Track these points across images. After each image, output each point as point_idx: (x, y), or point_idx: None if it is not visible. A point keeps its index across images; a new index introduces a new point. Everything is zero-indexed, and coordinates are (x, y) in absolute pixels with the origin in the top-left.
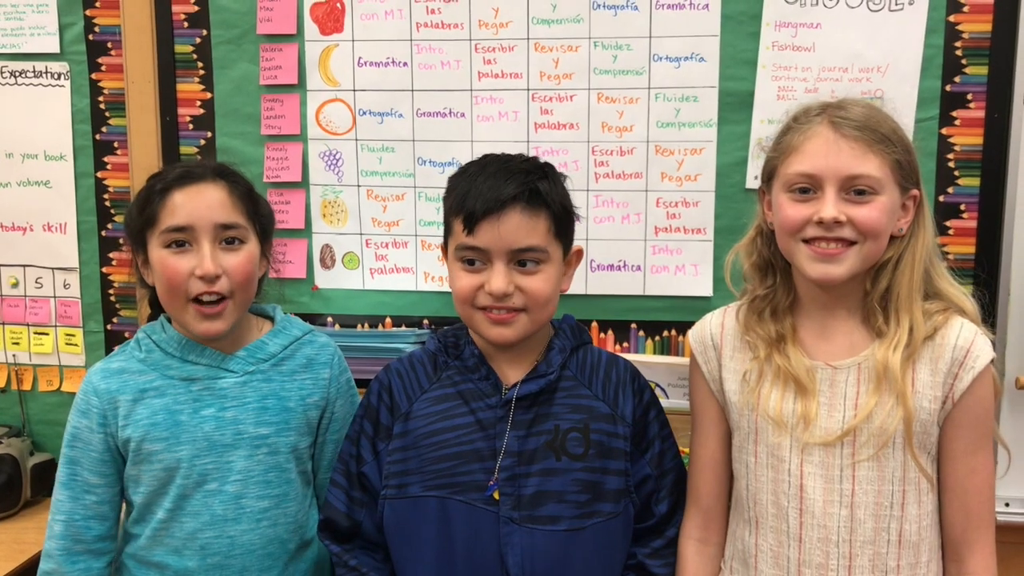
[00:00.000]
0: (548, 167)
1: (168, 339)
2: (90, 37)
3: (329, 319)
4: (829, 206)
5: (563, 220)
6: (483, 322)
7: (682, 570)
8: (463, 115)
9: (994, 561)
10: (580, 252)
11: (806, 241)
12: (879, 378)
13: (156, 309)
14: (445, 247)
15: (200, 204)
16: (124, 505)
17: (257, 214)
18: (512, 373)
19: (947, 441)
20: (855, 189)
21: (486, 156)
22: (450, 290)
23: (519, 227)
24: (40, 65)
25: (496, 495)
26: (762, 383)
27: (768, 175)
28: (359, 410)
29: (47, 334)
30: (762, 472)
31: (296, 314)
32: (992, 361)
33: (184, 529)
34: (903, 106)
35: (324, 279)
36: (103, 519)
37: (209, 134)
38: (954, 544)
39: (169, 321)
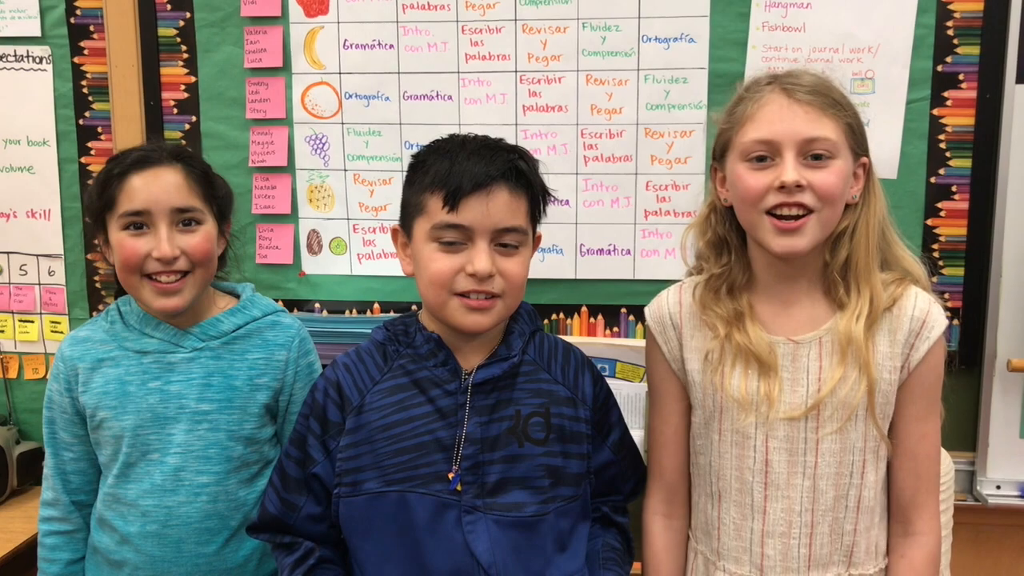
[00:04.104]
0: (523, 149)
1: (131, 311)
2: (72, 20)
3: (316, 305)
4: (789, 170)
5: (538, 204)
6: (458, 309)
7: (650, 545)
8: (450, 98)
9: (939, 522)
10: (540, 238)
11: (769, 213)
12: (843, 350)
13: (119, 286)
14: (407, 231)
15: (157, 189)
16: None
17: (213, 196)
18: (472, 358)
19: (900, 408)
20: (812, 154)
21: (456, 135)
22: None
23: (507, 205)
24: (21, 49)
25: (459, 485)
26: (724, 362)
27: (721, 150)
28: (304, 409)
29: (32, 321)
30: (726, 449)
31: (283, 300)
32: (946, 329)
33: (128, 495)
34: (895, 86)
35: (311, 265)
36: (82, 473)
37: (194, 118)
38: (902, 507)
39: None
